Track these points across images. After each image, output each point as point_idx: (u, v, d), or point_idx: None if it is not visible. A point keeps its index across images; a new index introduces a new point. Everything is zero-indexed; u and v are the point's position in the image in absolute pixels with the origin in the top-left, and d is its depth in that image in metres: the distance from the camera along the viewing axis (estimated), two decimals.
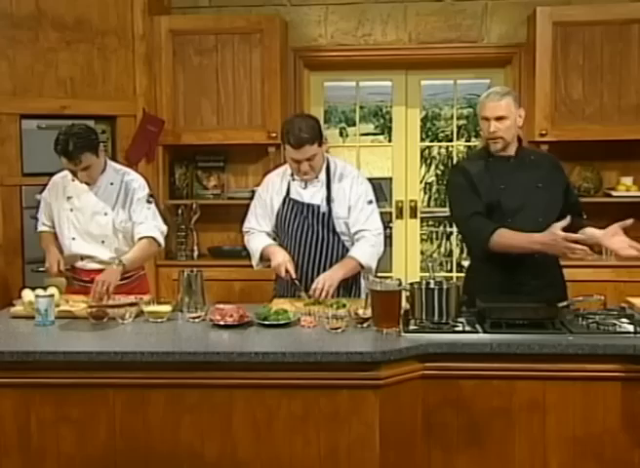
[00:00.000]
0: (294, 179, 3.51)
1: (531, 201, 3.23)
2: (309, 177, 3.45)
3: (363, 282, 3.54)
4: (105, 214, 3.56)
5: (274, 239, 3.58)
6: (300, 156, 3.35)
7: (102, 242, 3.57)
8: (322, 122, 5.53)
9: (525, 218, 3.20)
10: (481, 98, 3.30)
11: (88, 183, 3.52)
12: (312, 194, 3.49)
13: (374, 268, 3.46)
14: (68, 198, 3.59)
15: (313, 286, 3.30)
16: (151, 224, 3.60)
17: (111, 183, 3.58)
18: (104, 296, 3.17)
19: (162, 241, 3.64)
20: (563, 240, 2.95)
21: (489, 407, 2.68)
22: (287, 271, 3.36)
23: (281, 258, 3.39)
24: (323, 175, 3.48)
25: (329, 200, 3.46)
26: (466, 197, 3.28)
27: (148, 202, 3.62)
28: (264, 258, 3.53)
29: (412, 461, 2.70)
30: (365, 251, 3.42)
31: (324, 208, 3.46)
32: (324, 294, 3.26)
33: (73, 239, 3.59)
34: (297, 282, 3.38)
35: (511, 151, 3.30)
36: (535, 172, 3.29)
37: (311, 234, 3.46)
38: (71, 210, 3.58)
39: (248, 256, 3.67)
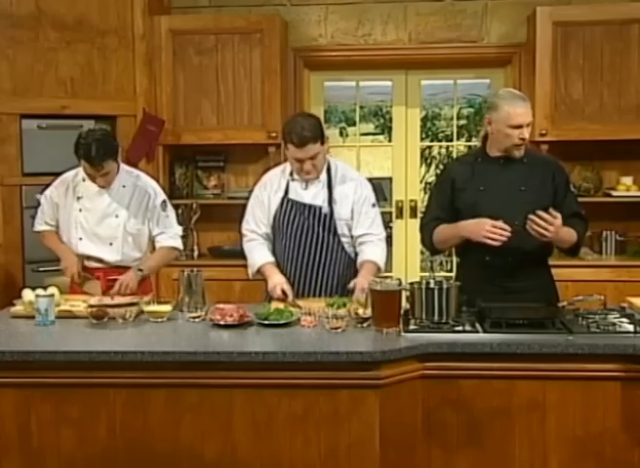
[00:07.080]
0: (293, 179, 3.46)
1: (510, 204, 3.15)
2: (312, 177, 3.40)
3: None
4: (117, 216, 3.56)
5: (274, 239, 3.51)
6: (304, 155, 3.31)
7: (110, 244, 3.57)
8: (322, 122, 5.59)
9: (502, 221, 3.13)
10: (501, 104, 3.14)
11: (103, 187, 3.52)
12: (314, 195, 3.44)
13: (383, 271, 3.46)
14: (78, 198, 3.57)
15: (356, 293, 3.13)
16: (171, 233, 3.68)
17: (124, 186, 3.58)
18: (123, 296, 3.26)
19: (182, 247, 3.80)
20: (488, 225, 3.03)
21: (489, 407, 2.68)
22: (284, 293, 3.28)
23: (277, 280, 3.33)
24: (324, 176, 3.44)
25: (331, 201, 3.42)
26: (434, 202, 3.39)
27: (163, 209, 3.65)
28: (261, 273, 3.48)
29: (412, 461, 2.69)
30: (378, 254, 3.39)
31: (326, 209, 3.41)
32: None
33: (80, 239, 3.58)
34: (293, 302, 3.23)
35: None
36: (521, 174, 3.20)
37: (311, 235, 3.42)
38: (80, 210, 3.57)
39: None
